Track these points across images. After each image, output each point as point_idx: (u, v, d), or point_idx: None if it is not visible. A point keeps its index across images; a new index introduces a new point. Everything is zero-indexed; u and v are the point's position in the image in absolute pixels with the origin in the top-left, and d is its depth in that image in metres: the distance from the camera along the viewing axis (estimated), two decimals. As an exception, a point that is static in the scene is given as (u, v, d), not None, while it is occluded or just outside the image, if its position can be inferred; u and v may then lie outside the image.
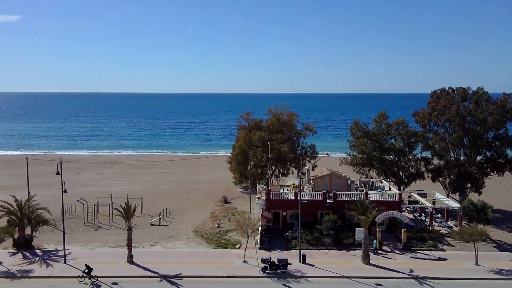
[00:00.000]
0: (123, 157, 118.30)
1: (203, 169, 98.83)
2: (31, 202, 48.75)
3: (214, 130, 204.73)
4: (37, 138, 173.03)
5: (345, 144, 70.39)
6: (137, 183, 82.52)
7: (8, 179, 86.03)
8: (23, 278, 39.36)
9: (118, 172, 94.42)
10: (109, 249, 46.83)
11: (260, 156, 68.31)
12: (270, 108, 77.25)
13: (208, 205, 65.62)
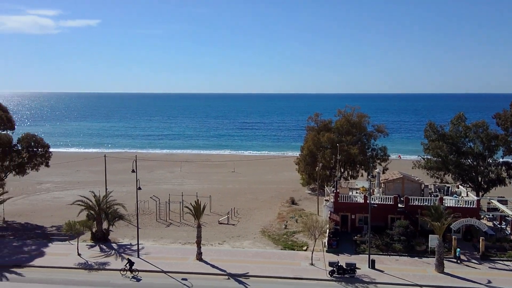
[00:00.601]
0: (193, 156, 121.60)
1: (270, 169, 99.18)
2: (108, 198, 51.27)
3: (282, 131, 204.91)
4: (114, 137, 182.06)
5: (419, 146, 67.63)
6: (207, 182, 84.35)
7: (88, 175, 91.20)
8: (99, 270, 41.44)
9: (188, 171, 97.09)
10: (179, 245, 48.19)
11: (329, 158, 67.35)
12: (339, 109, 76.01)
13: (275, 205, 65.69)
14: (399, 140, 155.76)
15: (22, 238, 50.84)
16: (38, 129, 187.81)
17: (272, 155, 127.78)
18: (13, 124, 60.29)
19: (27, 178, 68.77)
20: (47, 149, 61.50)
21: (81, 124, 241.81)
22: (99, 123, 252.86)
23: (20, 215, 60.34)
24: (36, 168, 61.21)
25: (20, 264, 42.67)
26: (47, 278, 39.76)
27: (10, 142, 58.64)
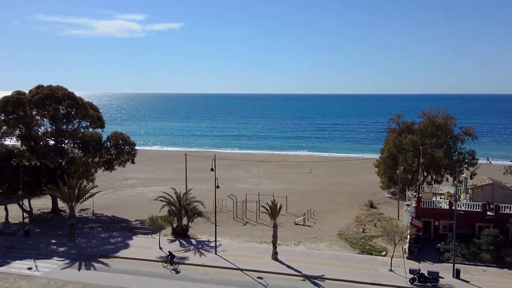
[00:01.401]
0: (270, 157, 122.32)
1: (348, 171, 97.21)
2: (188, 195, 52.89)
3: (361, 133, 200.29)
4: (194, 137, 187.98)
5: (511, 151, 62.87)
6: (283, 182, 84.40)
7: (169, 172, 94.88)
8: (179, 264, 42.79)
9: (265, 171, 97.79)
10: (255, 244, 48.56)
11: (411, 161, 64.62)
12: (423, 111, 72.77)
13: (352, 208, 64.21)
14: (489, 144, 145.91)
15: (109, 230, 53.90)
16: (125, 127, 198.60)
17: (350, 156, 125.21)
18: (103, 123, 64.05)
19: (115, 174, 72.78)
20: (133, 147, 64.68)
21: (163, 124, 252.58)
22: (180, 122, 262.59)
23: (107, 209, 64.07)
24: (123, 164, 64.58)
25: (107, 255, 45.22)
26: (130, 269, 41.77)
27: (100, 139, 62.37)
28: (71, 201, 49.05)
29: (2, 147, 56.67)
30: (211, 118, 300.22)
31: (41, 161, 58.88)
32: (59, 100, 58.45)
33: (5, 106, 57.58)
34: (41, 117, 60.59)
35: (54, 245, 48.24)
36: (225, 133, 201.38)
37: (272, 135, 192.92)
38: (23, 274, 40.48)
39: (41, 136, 60.88)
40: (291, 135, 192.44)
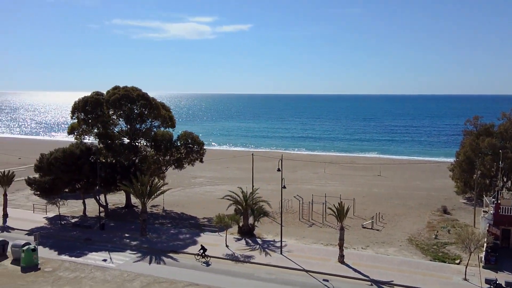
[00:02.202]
0: (337, 158, 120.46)
1: (420, 175, 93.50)
2: (254, 194, 53.27)
3: (434, 135, 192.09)
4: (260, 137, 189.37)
5: None
6: (350, 184, 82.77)
7: (236, 172, 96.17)
8: (245, 263, 43.20)
9: (332, 172, 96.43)
10: (321, 246, 47.95)
11: (489, 165, 60.99)
12: (503, 112, 68.43)
13: (424, 213, 61.62)
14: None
15: (178, 226, 55.51)
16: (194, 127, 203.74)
17: (421, 159, 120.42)
18: (174, 122, 66.15)
19: (184, 172, 74.96)
20: (201, 146, 66.22)
21: (231, 124, 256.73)
22: (248, 123, 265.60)
23: (177, 205, 66.05)
24: (192, 163, 66.30)
25: (176, 250, 46.57)
26: (197, 265, 42.73)
27: (171, 139, 64.44)
28: (143, 197, 51.05)
29: (81, 144, 60.11)
30: (279, 119, 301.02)
31: (117, 159, 61.84)
32: (134, 101, 61.06)
33: (84, 106, 61.07)
34: (117, 117, 63.63)
35: (127, 239, 50.47)
36: (292, 134, 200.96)
37: (339, 137, 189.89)
38: (98, 265, 42.67)
39: (117, 135, 63.96)
40: (359, 137, 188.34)
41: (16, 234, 52.15)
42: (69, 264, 42.80)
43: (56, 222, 56.42)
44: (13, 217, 58.55)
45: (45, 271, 41.23)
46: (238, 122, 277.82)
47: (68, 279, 39.40)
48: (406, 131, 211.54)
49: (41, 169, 57.52)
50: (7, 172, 60.73)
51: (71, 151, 57.26)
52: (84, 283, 38.57)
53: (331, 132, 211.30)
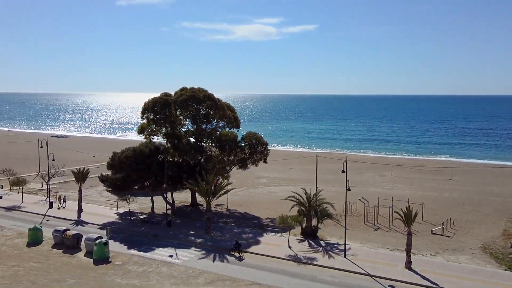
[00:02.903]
0: (405, 161, 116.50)
1: (495, 180, 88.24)
2: (318, 196, 52.60)
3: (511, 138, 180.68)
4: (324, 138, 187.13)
5: None
6: (419, 188, 79.65)
7: (299, 173, 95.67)
8: (307, 264, 42.77)
9: (399, 175, 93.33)
10: (387, 251, 46.47)
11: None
12: None
13: (500, 220, 58.01)
14: None
15: (242, 226, 56.02)
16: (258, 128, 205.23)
17: (497, 164, 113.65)
18: (238, 123, 66.91)
19: (248, 172, 75.56)
20: (265, 147, 66.40)
21: (296, 125, 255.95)
22: (312, 124, 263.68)
23: (240, 205, 66.73)
24: (256, 163, 66.66)
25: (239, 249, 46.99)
26: (261, 264, 42.87)
27: (235, 139, 65.18)
28: (208, 196, 52.00)
29: (150, 144, 62.35)
30: (344, 120, 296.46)
31: (183, 158, 63.52)
32: (200, 101, 62.41)
33: (154, 107, 63.24)
34: (184, 117, 65.38)
35: (192, 236, 51.64)
36: (357, 136, 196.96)
37: (407, 139, 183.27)
38: (165, 260, 43.98)
39: (184, 135, 65.70)
40: (428, 140, 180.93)
41: (89, 228, 54.98)
42: (138, 259, 44.47)
43: (126, 218, 58.86)
44: (87, 211, 61.80)
45: (115, 264, 43.10)
46: (302, 123, 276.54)
47: (136, 273, 40.92)
48: (480, 134, 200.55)
49: (113, 166, 60.30)
50: (83, 169, 64.20)
51: (140, 150, 59.55)
52: (151, 277, 39.88)
53: (399, 134, 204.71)
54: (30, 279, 39.08)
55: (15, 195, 70.78)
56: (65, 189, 75.03)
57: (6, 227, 54.66)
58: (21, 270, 41.11)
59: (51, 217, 59.59)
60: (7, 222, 56.90)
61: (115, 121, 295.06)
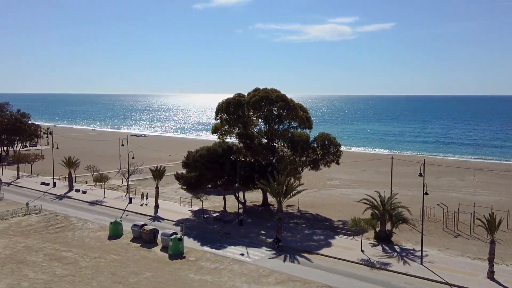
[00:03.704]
0: (488, 165, 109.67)
1: None
2: (393, 199, 50.88)
3: None
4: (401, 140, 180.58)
5: None
6: (505, 194, 74.48)
7: (373, 175, 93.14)
8: (381, 270, 41.46)
9: (482, 180, 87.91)
10: (467, 259, 43.91)
11: None
12: None
13: None
14: None
15: (313, 227, 55.48)
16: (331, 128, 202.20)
17: None
18: (311, 123, 66.38)
19: (319, 173, 74.75)
20: (338, 148, 65.26)
21: (370, 126, 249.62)
22: (387, 125, 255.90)
23: (312, 207, 66.14)
24: (328, 165, 65.72)
25: (310, 251, 46.57)
26: (331, 267, 42.18)
27: (308, 140, 64.69)
28: (279, 197, 52.03)
29: (224, 143, 63.55)
30: (422, 122, 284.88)
31: (255, 158, 64.09)
32: (273, 102, 62.64)
33: (227, 107, 64.39)
34: (257, 118, 65.95)
35: (263, 235, 51.93)
36: (437, 138, 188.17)
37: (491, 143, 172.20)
38: (236, 258, 44.57)
39: (256, 135, 66.27)
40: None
41: (165, 224, 57.05)
42: (210, 255, 45.45)
43: (199, 215, 60.42)
44: (163, 208, 64.17)
45: (189, 259, 44.34)
46: (377, 124, 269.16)
47: (209, 269, 41.83)
48: None
49: (188, 165, 62.15)
50: (159, 167, 66.77)
51: (214, 149, 60.89)
52: (223, 274, 40.58)
53: (482, 136, 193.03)
54: (111, 270, 41.23)
55: (97, 191, 75.14)
56: (143, 186, 78.46)
57: (89, 220, 58.12)
58: (102, 262, 43.49)
59: (130, 212, 62.56)
60: (90, 215, 60.48)
61: (190, 121, 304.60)
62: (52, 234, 52.17)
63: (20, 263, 42.72)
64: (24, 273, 40.32)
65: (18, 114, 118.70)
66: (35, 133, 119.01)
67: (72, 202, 68.36)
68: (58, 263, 42.73)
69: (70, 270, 41.18)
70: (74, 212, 61.87)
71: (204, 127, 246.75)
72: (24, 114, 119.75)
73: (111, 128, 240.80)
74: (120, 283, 38.48)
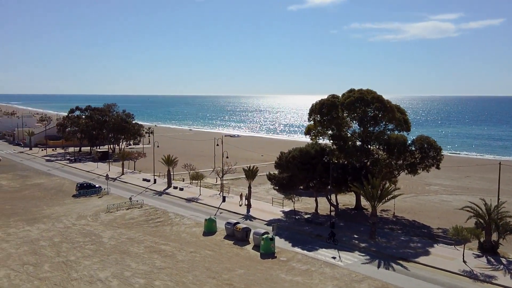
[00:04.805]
0: None
1: None
2: (500, 208, 47.05)
3: None
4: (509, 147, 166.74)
5: None
6: None
7: (478, 182, 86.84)
8: (485, 283, 38.47)
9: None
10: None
11: None
12: None
13: None
14: None
15: (409, 234, 52.96)
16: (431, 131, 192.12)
17: None
18: (409, 126, 63.51)
19: (417, 178, 71.29)
20: (439, 152, 61.69)
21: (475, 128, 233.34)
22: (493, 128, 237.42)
23: (408, 212, 63.22)
24: (427, 169, 62.34)
25: (406, 258, 44.47)
26: (430, 277, 39.89)
27: (405, 142, 61.96)
28: (373, 200, 50.36)
29: (316, 145, 62.96)
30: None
31: (348, 160, 62.67)
32: (368, 103, 60.82)
33: (321, 108, 63.68)
34: (351, 119, 64.43)
35: (355, 240, 50.58)
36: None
37: None
38: (328, 261, 43.85)
39: (350, 137, 64.77)
40: None
41: (257, 223, 57.79)
42: (301, 257, 45.19)
43: (291, 216, 60.39)
44: (255, 207, 65.08)
45: (280, 260, 44.44)
46: (482, 127, 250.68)
47: (300, 271, 41.59)
48: None
49: (280, 166, 62.43)
50: (252, 167, 67.84)
51: (307, 150, 60.55)
52: (315, 277, 40.10)
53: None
54: (205, 265, 42.59)
55: (193, 188, 78.22)
56: (236, 185, 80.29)
57: (186, 216, 60.62)
58: (197, 256, 45.09)
59: (223, 210, 64.27)
60: (187, 212, 63.08)
61: (282, 123, 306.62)
62: (152, 228, 55.16)
63: (123, 253, 45.67)
64: (127, 263, 43.03)
65: (123, 114, 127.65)
66: (138, 132, 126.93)
67: (170, 198, 71.84)
68: (157, 256, 45.04)
69: (168, 262, 43.21)
70: (172, 208, 64.92)
71: (296, 128, 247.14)
72: (129, 114, 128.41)
73: (206, 128, 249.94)
74: (214, 278, 39.57)
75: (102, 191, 74.97)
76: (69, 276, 39.67)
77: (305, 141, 71.34)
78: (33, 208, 64.49)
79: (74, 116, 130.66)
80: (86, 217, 59.81)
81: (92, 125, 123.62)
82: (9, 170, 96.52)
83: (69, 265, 42.20)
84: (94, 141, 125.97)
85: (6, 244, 48.20)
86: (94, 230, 53.81)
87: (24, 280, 38.66)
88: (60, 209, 63.72)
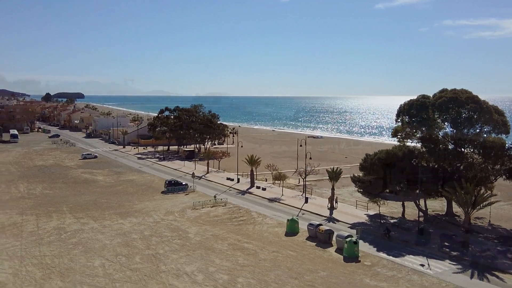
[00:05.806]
0: None
1: None
2: None
3: None
4: None
5: None
6: None
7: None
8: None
9: None
10: None
11: None
12: None
13: None
14: None
15: (506, 244, 49.12)
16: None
17: None
18: (508, 128, 58.96)
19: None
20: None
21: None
22: None
23: (506, 221, 58.72)
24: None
25: (503, 269, 41.29)
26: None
27: (504, 146, 57.69)
28: (467, 207, 47.32)
29: (404, 147, 60.47)
30: None
31: (439, 164, 59.46)
32: (462, 104, 57.37)
33: (409, 109, 61.04)
34: (442, 121, 61.06)
35: (446, 247, 47.85)
36: None
37: None
38: (415, 269, 41.87)
39: (441, 139, 61.43)
40: None
41: (340, 225, 56.68)
42: (387, 262, 43.57)
43: (375, 220, 58.52)
44: (338, 210, 63.89)
45: (365, 264, 43.18)
46: None
47: (385, 277, 40.10)
48: None
49: (365, 168, 60.75)
50: (336, 168, 66.68)
51: (394, 153, 58.35)
52: (401, 284, 38.46)
53: None
54: (287, 265, 42.50)
55: (276, 188, 78.51)
56: (318, 187, 79.44)
57: (268, 216, 60.98)
58: (279, 256, 45.12)
59: (306, 211, 63.82)
60: (269, 212, 63.44)
61: (367, 124, 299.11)
62: (236, 226, 56.14)
63: (208, 249, 46.92)
64: (211, 259, 44.14)
65: (209, 114, 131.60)
66: (223, 132, 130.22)
67: (253, 198, 72.72)
68: (240, 253, 45.74)
69: (250, 260, 43.69)
70: (254, 207, 65.65)
71: (382, 130, 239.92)
72: (214, 114, 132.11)
73: (289, 129, 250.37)
74: (296, 278, 39.35)
75: (189, 188, 77.73)
76: (158, 268, 41.51)
77: (391, 143, 69.00)
78: (125, 202, 68.38)
79: (164, 117, 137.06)
80: (173, 213, 62.28)
81: (180, 125, 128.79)
82: (105, 167, 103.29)
83: (158, 257, 44.16)
84: (182, 141, 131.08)
85: (101, 236, 51.52)
86: (181, 225, 55.87)
87: (117, 270, 41.03)
88: (150, 204, 66.98)
